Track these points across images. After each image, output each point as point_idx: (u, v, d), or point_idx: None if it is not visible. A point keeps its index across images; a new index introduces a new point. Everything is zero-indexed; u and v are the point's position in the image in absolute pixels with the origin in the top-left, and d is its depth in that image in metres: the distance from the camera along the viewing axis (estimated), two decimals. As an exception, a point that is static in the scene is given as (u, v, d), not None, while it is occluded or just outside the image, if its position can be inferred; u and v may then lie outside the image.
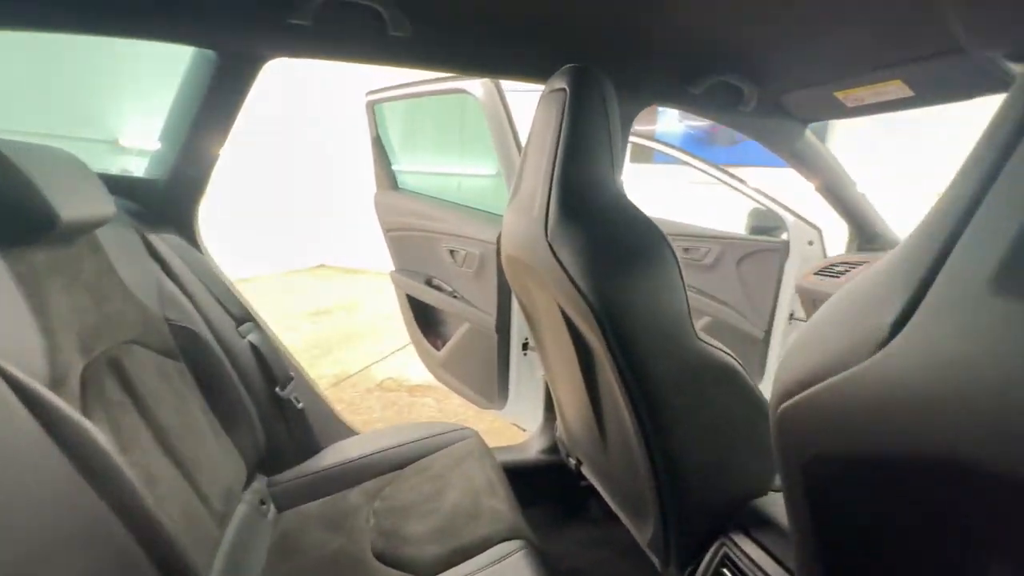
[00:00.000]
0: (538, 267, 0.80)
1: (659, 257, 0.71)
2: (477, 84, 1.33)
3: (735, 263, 2.07)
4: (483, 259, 1.50)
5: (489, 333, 1.53)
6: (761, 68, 1.07)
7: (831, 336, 0.33)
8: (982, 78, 0.84)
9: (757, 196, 1.94)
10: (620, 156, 0.77)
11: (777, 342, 1.98)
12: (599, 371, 0.86)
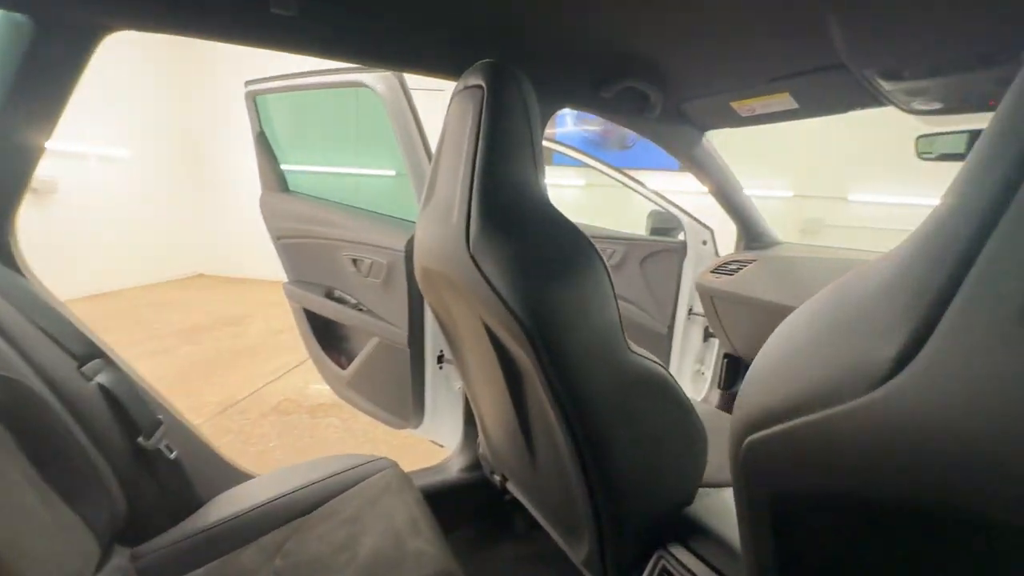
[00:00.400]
0: (458, 280, 0.73)
1: (590, 267, 0.67)
2: (377, 77, 1.22)
3: (639, 263, 2.16)
4: (391, 268, 1.38)
5: (401, 347, 1.42)
6: (668, 76, 1.09)
7: (812, 367, 0.30)
8: (859, 94, 0.92)
9: (655, 198, 2.03)
10: (542, 158, 0.72)
11: (679, 336, 2.10)
12: (527, 386, 0.81)
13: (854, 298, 0.30)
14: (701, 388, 2.13)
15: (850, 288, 0.31)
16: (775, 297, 1.50)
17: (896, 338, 0.24)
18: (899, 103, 0.91)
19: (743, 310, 1.68)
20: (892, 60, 0.79)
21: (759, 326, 1.67)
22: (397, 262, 1.35)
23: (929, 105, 0.90)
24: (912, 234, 0.28)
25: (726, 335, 1.85)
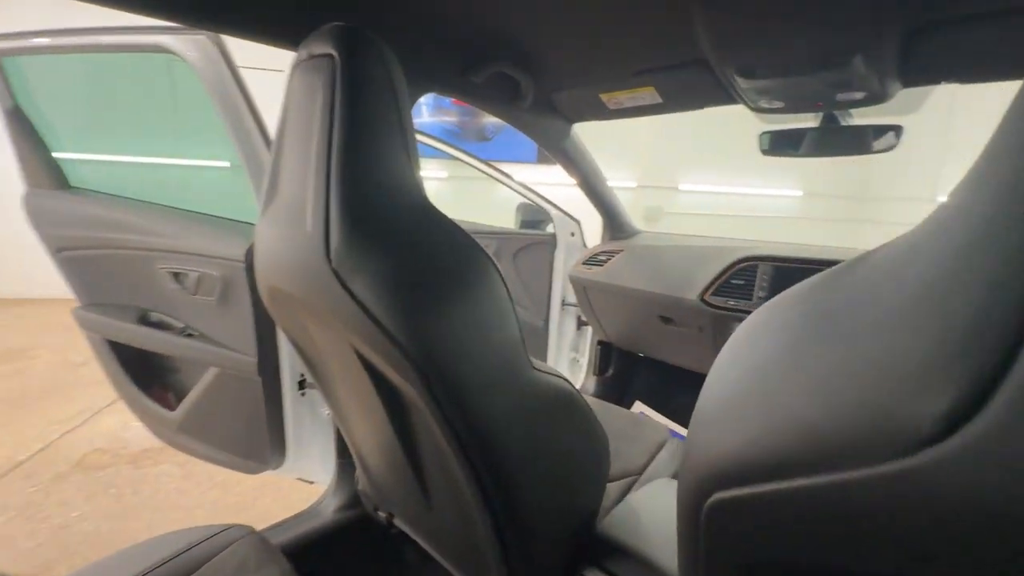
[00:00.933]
0: (319, 303, 0.58)
1: (485, 279, 0.57)
2: (187, 41, 0.95)
3: (512, 257, 2.14)
4: (228, 283, 1.12)
5: (249, 376, 1.17)
6: (538, 64, 1.03)
7: (807, 410, 0.24)
8: (717, 90, 0.96)
9: (524, 191, 2.01)
10: (415, 147, 0.60)
11: (554, 327, 2.13)
12: (414, 419, 0.69)
13: (861, 317, 0.24)
14: (578, 376, 2.20)
15: (851, 302, 0.26)
16: (642, 285, 1.58)
17: (944, 387, 0.19)
18: (749, 101, 0.98)
19: (614, 298, 1.74)
20: (749, 58, 0.83)
21: (629, 312, 1.76)
22: (235, 274, 1.10)
23: (772, 104, 0.98)
24: (932, 231, 0.22)
25: (599, 323, 1.92)
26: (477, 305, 0.56)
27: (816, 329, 0.27)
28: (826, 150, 1.08)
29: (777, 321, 0.30)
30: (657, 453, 1.15)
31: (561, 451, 0.69)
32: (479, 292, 0.56)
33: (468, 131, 5.29)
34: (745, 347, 0.32)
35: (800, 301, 0.30)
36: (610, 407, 1.34)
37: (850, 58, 0.75)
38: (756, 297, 1.32)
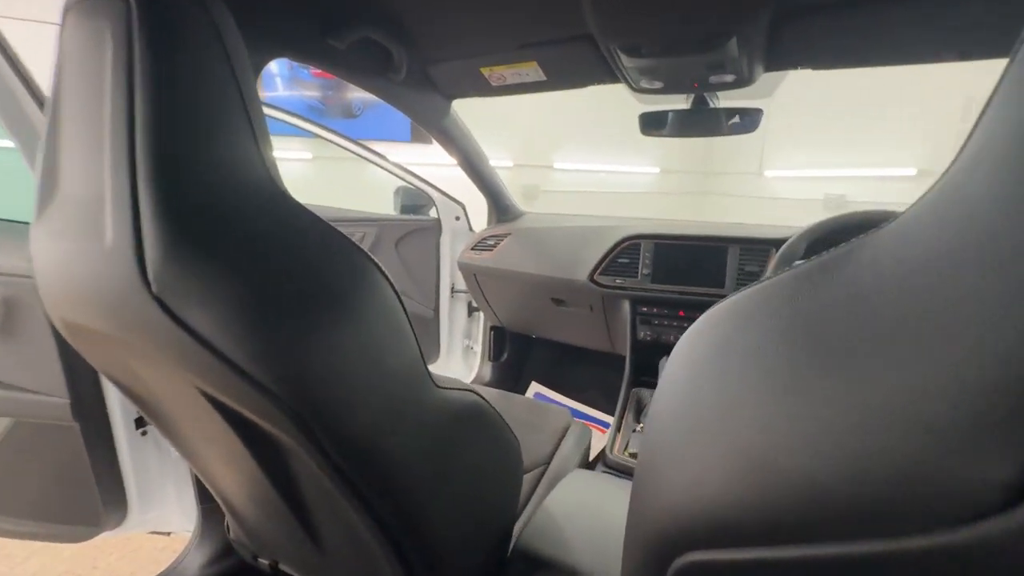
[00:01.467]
0: (138, 340, 0.42)
1: (368, 288, 0.47)
2: None
3: (394, 245, 1.98)
4: (10, 305, 0.84)
5: (60, 422, 0.91)
6: (411, 31, 0.91)
7: (803, 470, 0.19)
8: (601, 69, 0.93)
9: (402, 174, 1.86)
10: (263, 123, 0.46)
11: (445, 316, 2.04)
12: (292, 462, 0.57)
13: (861, 334, 0.20)
14: (472, 363, 2.15)
15: (843, 313, 0.21)
16: (533, 268, 1.56)
17: (1004, 448, 0.15)
18: (631, 80, 0.97)
19: (505, 283, 1.71)
20: (635, 36, 0.81)
21: (521, 296, 1.74)
22: (22, 293, 0.83)
23: (652, 84, 0.98)
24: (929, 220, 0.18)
25: (491, 309, 1.88)
26: (363, 324, 0.45)
27: (803, 351, 0.22)
28: (697, 130, 1.13)
29: (745, 337, 0.26)
30: (562, 439, 1.14)
31: (472, 471, 0.62)
32: (364, 307, 0.46)
33: (333, 107, 4.80)
34: (704, 367, 0.27)
35: (772, 312, 0.25)
36: (511, 397, 1.30)
37: (727, 40, 0.76)
38: (641, 274, 1.37)
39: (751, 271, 1.27)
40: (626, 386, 1.40)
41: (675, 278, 1.35)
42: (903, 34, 0.74)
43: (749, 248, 1.29)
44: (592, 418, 1.95)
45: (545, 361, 2.19)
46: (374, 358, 0.46)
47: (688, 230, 1.37)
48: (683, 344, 0.32)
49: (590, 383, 2.08)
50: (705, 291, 1.31)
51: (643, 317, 1.40)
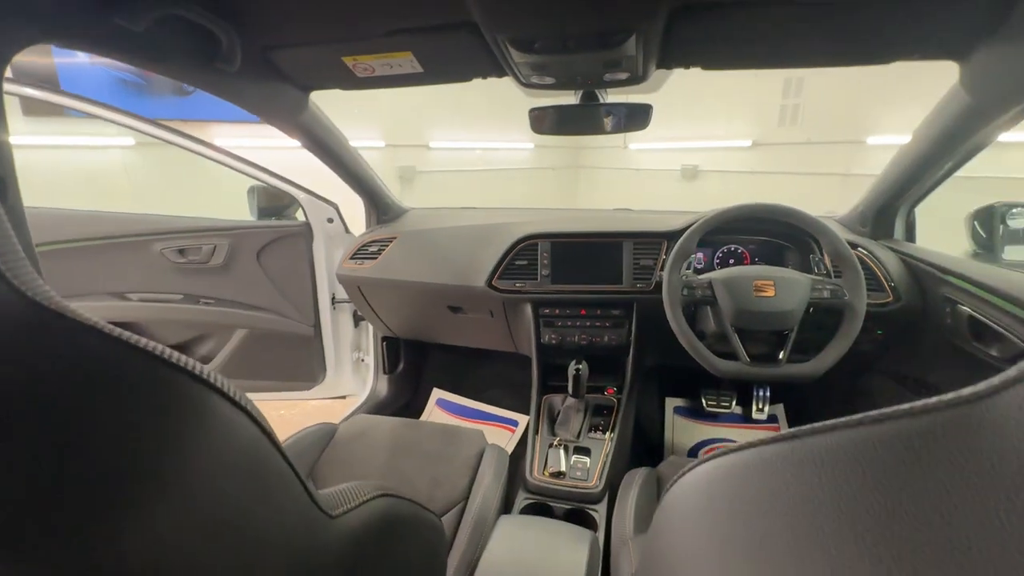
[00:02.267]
0: None
1: (208, 429, 0.31)
2: None
3: (255, 256, 1.69)
4: None
5: None
6: (240, 8, 0.70)
7: None
8: (487, 61, 0.81)
9: (252, 171, 1.57)
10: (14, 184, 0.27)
11: (328, 330, 1.81)
12: None
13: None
14: (366, 377, 1.96)
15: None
16: (425, 276, 1.42)
17: None
18: (520, 75, 0.87)
19: (395, 294, 1.54)
20: (528, 30, 0.70)
21: (414, 306, 1.59)
22: None
23: (543, 80, 0.89)
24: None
25: (380, 320, 1.70)
26: (201, 484, 0.30)
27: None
28: (587, 127, 1.07)
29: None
30: (478, 468, 1.06)
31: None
32: (198, 461, 0.30)
33: (157, 82, 3.95)
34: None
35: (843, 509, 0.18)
36: (418, 427, 1.18)
37: (627, 38, 0.69)
38: (540, 276, 1.31)
39: (646, 265, 1.28)
40: (536, 394, 1.35)
41: (574, 277, 1.31)
42: (790, 40, 0.74)
43: (642, 242, 1.29)
44: (500, 418, 1.90)
45: (445, 365, 2.07)
46: (231, 522, 0.31)
47: (583, 226, 1.34)
48: (696, 504, 0.23)
49: (494, 381, 2.02)
50: (605, 288, 1.29)
51: (546, 319, 1.35)
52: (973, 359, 0.96)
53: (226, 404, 0.32)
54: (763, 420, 1.72)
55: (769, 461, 0.23)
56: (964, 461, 0.17)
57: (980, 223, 1.14)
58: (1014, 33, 0.65)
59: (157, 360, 0.30)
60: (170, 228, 1.64)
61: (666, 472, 1.00)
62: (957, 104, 0.84)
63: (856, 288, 0.98)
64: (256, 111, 1.00)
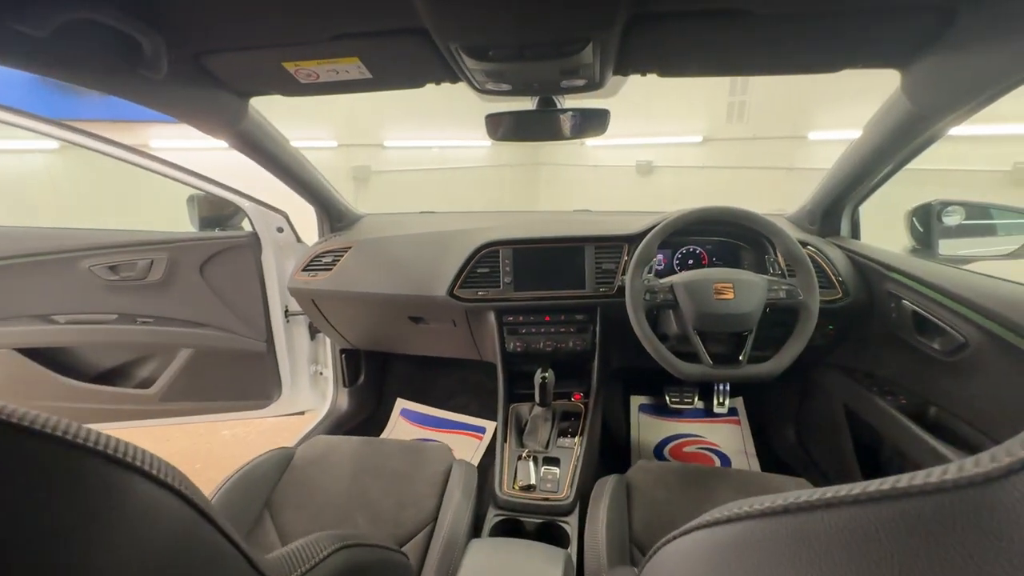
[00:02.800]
0: None
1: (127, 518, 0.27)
2: None
3: (198, 270, 1.58)
4: None
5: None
6: (162, 10, 0.63)
7: None
8: (439, 67, 0.78)
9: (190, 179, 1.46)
10: None
11: (282, 345, 1.72)
12: None
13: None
14: (325, 390, 1.88)
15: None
16: (384, 288, 1.37)
17: None
18: (475, 82, 0.84)
19: (352, 306, 1.48)
20: (481, 38, 0.67)
21: (373, 317, 1.53)
22: None
23: (499, 87, 0.86)
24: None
25: (339, 333, 1.63)
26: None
27: None
28: (545, 133, 1.06)
29: None
30: (446, 485, 1.02)
31: None
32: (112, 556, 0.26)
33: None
34: None
35: None
36: (381, 446, 1.13)
37: (583, 46, 0.67)
38: (503, 283, 1.29)
39: (608, 268, 1.27)
40: (503, 403, 1.33)
41: (537, 283, 1.29)
42: (743, 49, 0.74)
43: (603, 246, 1.29)
44: (467, 426, 1.87)
45: (408, 375, 2.02)
46: None
47: (544, 231, 1.32)
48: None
49: (459, 388, 1.98)
50: (568, 294, 1.28)
51: (510, 327, 1.32)
52: (919, 352, 1.01)
53: (150, 485, 0.28)
54: (724, 413, 1.77)
55: (758, 539, 0.21)
56: (977, 549, 0.15)
57: (918, 219, 1.20)
58: (951, 46, 0.67)
59: (60, 442, 0.25)
60: (99, 243, 1.51)
61: (635, 478, 1.00)
62: (899, 109, 0.87)
63: (809, 288, 1.00)
64: (189, 120, 0.92)
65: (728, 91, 5.63)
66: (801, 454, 1.58)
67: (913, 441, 0.99)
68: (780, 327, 1.04)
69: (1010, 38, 0.62)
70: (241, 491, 0.96)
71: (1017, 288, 0.86)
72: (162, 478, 0.28)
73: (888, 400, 1.10)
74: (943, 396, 0.99)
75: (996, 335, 0.83)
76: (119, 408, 1.66)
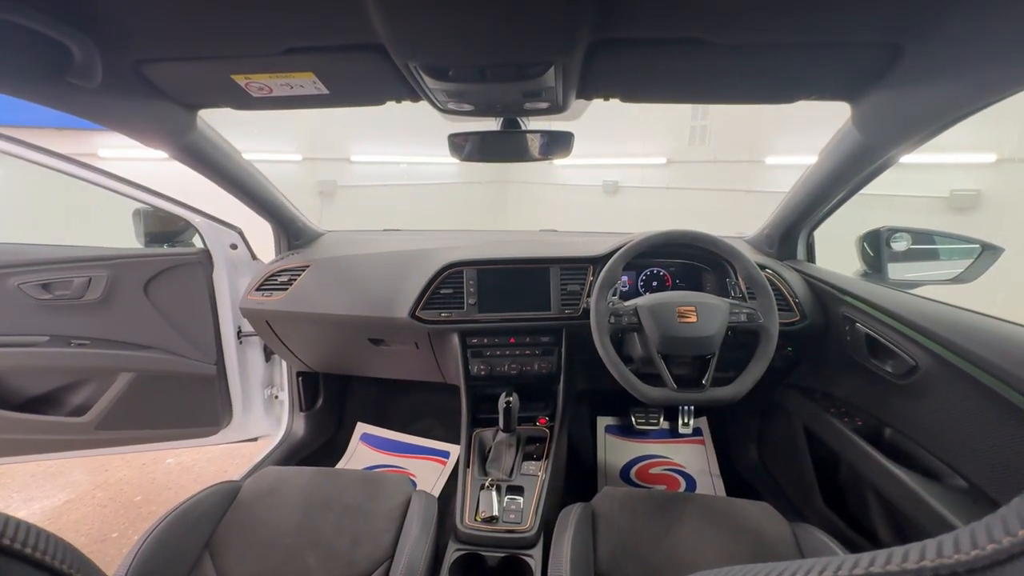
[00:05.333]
0: None
1: None
2: None
3: (142, 289, 1.48)
4: None
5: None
6: (95, 15, 0.59)
7: None
8: (398, 85, 0.75)
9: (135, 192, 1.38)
10: None
11: (233, 368, 1.63)
12: None
13: None
14: (280, 415, 1.79)
15: None
16: (343, 308, 1.31)
17: None
18: (436, 101, 0.82)
19: (309, 327, 1.41)
20: (439, 58, 0.65)
21: (331, 339, 1.47)
22: None
23: (460, 107, 0.85)
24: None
25: (295, 355, 1.56)
26: None
27: None
28: (509, 154, 1.05)
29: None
30: (405, 518, 0.97)
31: None
32: None
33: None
34: None
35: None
36: (337, 476, 1.07)
37: (545, 70, 0.67)
38: (467, 304, 1.26)
39: (573, 290, 1.26)
40: (466, 428, 1.28)
41: (502, 304, 1.27)
42: (702, 78, 0.75)
43: (568, 268, 1.28)
44: (430, 450, 1.81)
45: (369, 397, 1.95)
46: None
47: (509, 252, 1.30)
48: None
49: (422, 411, 1.92)
50: (533, 315, 1.26)
51: (474, 350, 1.29)
52: (872, 374, 1.03)
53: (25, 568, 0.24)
54: (689, 434, 1.77)
55: None
56: None
57: (868, 244, 1.24)
58: (898, 81, 0.70)
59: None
60: (30, 259, 1.40)
61: (601, 506, 0.97)
62: (850, 140, 0.90)
63: (769, 312, 1.02)
64: (128, 132, 0.86)
65: (691, 116, 5.84)
66: (764, 475, 1.59)
67: (869, 463, 1.00)
68: (741, 349, 1.05)
69: (955, 75, 0.65)
70: (179, 531, 0.88)
71: (963, 313, 0.89)
72: (50, 564, 0.24)
73: (845, 422, 1.12)
74: (897, 417, 1.01)
75: (944, 359, 0.85)
76: (49, 438, 1.53)
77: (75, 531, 1.70)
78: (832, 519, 1.24)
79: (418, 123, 5.90)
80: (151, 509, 1.80)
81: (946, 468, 0.87)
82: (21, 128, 1.21)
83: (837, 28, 0.61)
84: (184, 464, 2.06)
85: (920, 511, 0.86)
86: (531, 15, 0.56)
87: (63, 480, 1.93)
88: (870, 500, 1.12)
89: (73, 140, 3.31)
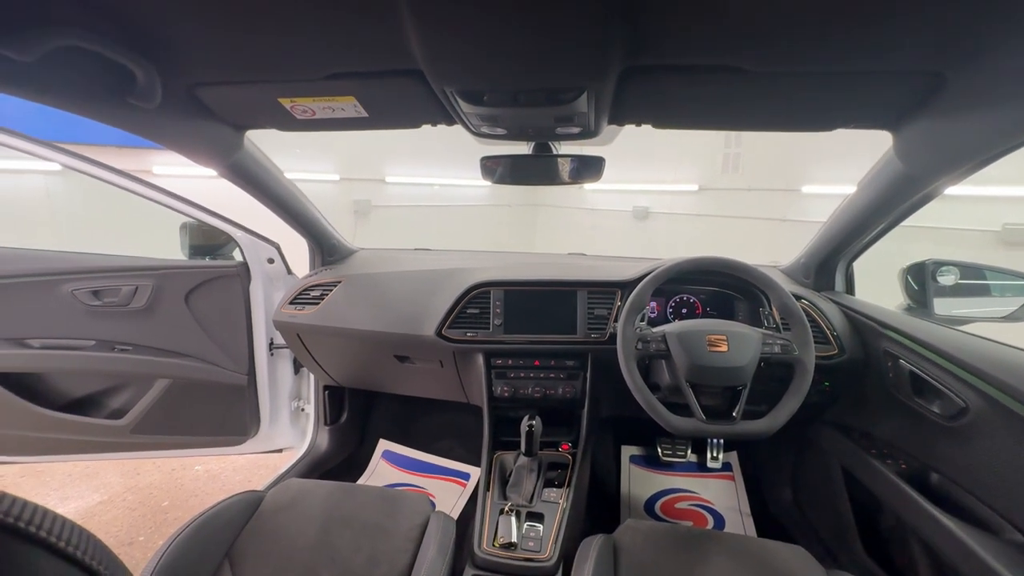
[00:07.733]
0: None
1: None
2: None
3: (183, 299, 1.55)
4: None
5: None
6: (158, 43, 0.63)
7: None
8: (435, 109, 0.78)
9: (184, 207, 1.45)
10: None
11: (264, 379, 1.66)
12: None
13: None
14: (306, 427, 1.81)
15: None
16: (370, 325, 1.34)
17: None
18: (470, 125, 0.84)
19: (337, 342, 1.44)
20: (474, 84, 0.67)
21: (358, 354, 1.49)
22: None
23: (494, 131, 0.86)
24: None
25: (322, 369, 1.58)
26: None
27: None
28: (540, 178, 1.06)
29: None
30: (422, 540, 0.96)
31: None
32: None
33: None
34: None
35: None
36: (355, 492, 1.07)
37: (578, 96, 0.68)
38: (493, 325, 1.26)
39: (600, 314, 1.25)
40: (487, 451, 1.27)
41: (528, 326, 1.27)
42: (736, 105, 0.75)
43: (596, 292, 1.27)
44: (451, 471, 1.79)
45: (393, 415, 1.95)
46: None
47: (537, 274, 1.30)
48: None
49: (444, 431, 1.91)
50: (559, 339, 1.25)
51: (498, 371, 1.28)
52: (917, 414, 0.98)
53: (56, 562, 0.24)
54: (718, 468, 1.70)
55: None
56: None
57: (913, 278, 1.19)
58: (941, 110, 0.68)
59: None
60: (85, 267, 1.48)
61: (623, 540, 0.94)
62: (891, 170, 0.88)
63: (805, 344, 0.98)
64: (181, 150, 0.91)
65: (724, 143, 5.80)
66: (798, 516, 1.51)
67: (915, 510, 0.94)
68: (775, 382, 1.01)
69: (1002, 104, 0.63)
70: (202, 538, 0.90)
71: (1017, 353, 0.84)
72: (68, 551, 0.25)
73: (887, 463, 1.05)
74: (944, 462, 0.94)
75: (997, 401, 0.80)
76: (87, 439, 1.59)
77: (104, 532, 1.74)
78: (872, 568, 1.16)
79: (451, 146, 6.06)
80: (177, 515, 1.83)
81: (1001, 520, 0.81)
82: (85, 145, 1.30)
83: (877, 57, 0.60)
84: (212, 472, 2.10)
85: (971, 566, 0.79)
86: (565, 41, 0.57)
87: (98, 481, 1.99)
88: (915, 550, 1.04)
89: (131, 157, 3.53)
